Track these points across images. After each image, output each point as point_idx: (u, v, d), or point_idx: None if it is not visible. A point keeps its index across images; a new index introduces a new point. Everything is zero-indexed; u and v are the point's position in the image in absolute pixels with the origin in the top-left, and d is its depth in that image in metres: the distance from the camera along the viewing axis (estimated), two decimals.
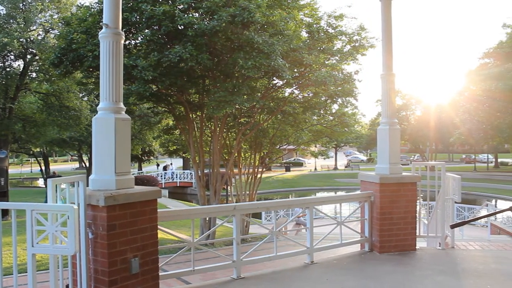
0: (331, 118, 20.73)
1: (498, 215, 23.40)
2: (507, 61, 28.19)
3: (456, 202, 7.64)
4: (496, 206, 32.35)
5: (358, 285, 5.20)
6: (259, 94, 16.65)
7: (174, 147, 32.10)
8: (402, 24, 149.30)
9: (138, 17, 13.44)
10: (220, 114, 15.02)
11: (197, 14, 14.09)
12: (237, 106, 14.96)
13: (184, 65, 13.04)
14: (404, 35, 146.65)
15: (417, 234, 6.75)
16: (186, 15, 13.31)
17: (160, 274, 4.60)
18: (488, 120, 30.49)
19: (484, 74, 31.39)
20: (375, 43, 16.94)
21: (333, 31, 16.95)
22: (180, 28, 13.43)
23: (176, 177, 44.92)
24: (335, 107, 20.36)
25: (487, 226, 20.13)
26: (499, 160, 63.43)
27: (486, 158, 64.32)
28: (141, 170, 52.98)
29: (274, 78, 16.35)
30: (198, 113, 17.10)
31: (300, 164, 70.17)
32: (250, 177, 20.18)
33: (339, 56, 17.10)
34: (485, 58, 34.13)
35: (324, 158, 61.68)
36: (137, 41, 14.76)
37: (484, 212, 24.31)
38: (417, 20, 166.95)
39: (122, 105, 4.46)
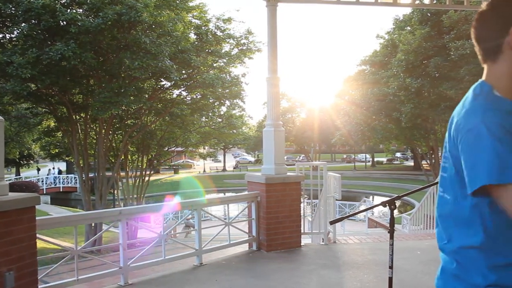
0: (219, 120, 20.95)
1: (375, 210, 25.22)
2: (381, 68, 30.42)
3: (337, 200, 8.09)
4: (373, 202, 34.78)
5: (246, 284, 5.30)
6: (146, 96, 16.35)
7: (57, 150, 30.24)
8: (288, 30, 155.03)
9: (13, 8, 12.50)
10: (105, 116, 14.50)
11: (81, 10, 13.47)
12: (123, 108, 14.56)
13: (67, 64, 12.40)
14: (290, 41, 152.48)
15: (302, 231, 7.03)
16: (68, 11, 12.67)
17: (40, 287, 4.32)
18: (365, 122, 32.63)
19: (361, 80, 33.61)
20: (262, 47, 17.42)
21: (221, 34, 17.14)
22: (62, 24, 12.75)
23: (59, 182, 42.32)
24: (223, 109, 20.61)
25: (365, 221, 21.63)
26: (375, 159, 68.06)
27: (364, 157, 68.85)
28: (19, 175, 49.28)
29: (162, 79, 16.16)
30: (82, 115, 16.34)
31: (189, 166, 69.74)
32: (138, 180, 19.69)
33: (227, 58, 17.33)
34: (362, 65, 36.49)
35: (213, 160, 62.02)
36: (13, 36, 13.74)
37: (363, 208, 26.00)
38: (303, 27, 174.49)
39: None
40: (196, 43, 16.60)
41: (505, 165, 1.27)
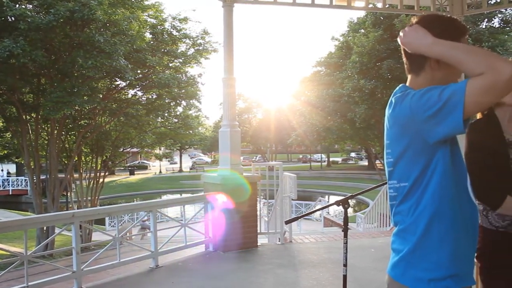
0: (175, 120, 20.76)
1: (330, 210, 25.62)
2: (335, 70, 30.95)
3: (293, 199, 8.18)
4: (328, 202, 35.31)
5: (203, 285, 5.29)
6: (100, 95, 16.02)
7: (5, 152, 29.14)
8: (245, 31, 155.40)
9: None
10: (57, 116, 14.08)
11: (30, 6, 13.04)
12: (76, 108, 14.22)
13: (16, 62, 11.96)
14: (247, 42, 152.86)
15: (259, 231, 7.08)
16: (17, 6, 12.22)
17: None
18: (320, 123, 33.07)
19: (317, 81, 34.10)
20: (218, 48, 17.39)
21: (177, 33, 17.01)
22: (10, 20, 12.30)
23: (9, 184, 40.75)
24: (179, 109, 20.45)
25: (321, 220, 21.94)
26: (331, 159, 69.19)
27: (320, 157, 69.84)
28: None
29: (117, 79, 15.88)
30: (33, 115, 15.79)
31: (144, 167, 68.80)
32: (92, 182, 19.25)
33: (183, 58, 17.22)
34: (317, 67, 37.02)
35: (169, 161, 61.37)
36: None
37: (318, 207, 26.35)
38: (260, 28, 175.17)
39: None
40: (152, 42, 16.40)
41: None
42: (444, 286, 1.59)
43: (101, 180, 19.62)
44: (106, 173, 21.65)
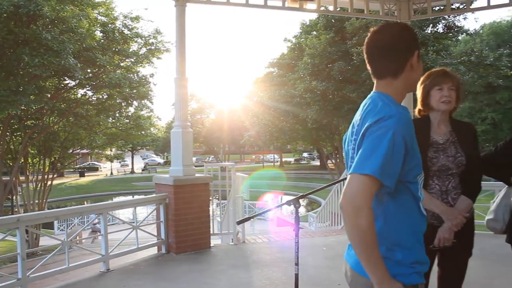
0: (127, 121, 20.39)
1: (283, 209, 25.82)
2: (288, 71, 31.31)
3: (245, 200, 8.21)
4: (281, 201, 35.61)
5: None
6: (48, 95, 15.54)
7: None
8: (198, 31, 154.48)
9: None
10: (1, 116, 13.57)
11: None
12: (22, 107, 13.72)
13: None
14: (200, 42, 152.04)
15: (212, 232, 7.06)
16: None
17: None
18: (273, 123, 33.38)
19: (269, 82, 34.40)
20: (170, 48, 17.22)
21: (129, 32, 16.73)
22: None
23: None
24: (130, 109, 20.10)
25: (274, 220, 22.07)
26: (283, 159, 69.84)
27: (273, 158, 70.35)
28: None
29: (66, 78, 15.45)
30: None
31: (95, 169, 67.21)
32: (40, 184, 18.62)
33: (134, 58, 16.96)
34: (270, 67, 37.34)
35: (120, 162, 60.20)
36: None
37: (271, 207, 26.49)
38: (213, 29, 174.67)
39: None
40: (103, 41, 16.06)
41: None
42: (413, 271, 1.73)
43: (49, 182, 19.01)
44: (55, 175, 20.99)
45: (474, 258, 2.95)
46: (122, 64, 16.78)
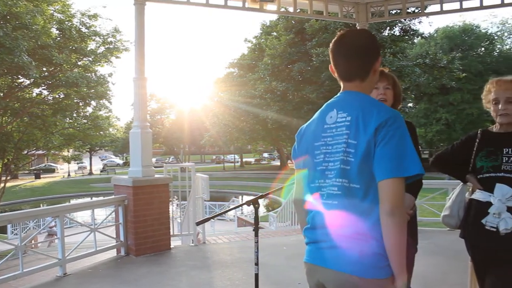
0: (85, 121, 19.98)
1: (244, 210, 25.86)
2: (248, 71, 31.44)
3: (206, 200, 8.19)
4: (241, 202, 35.64)
5: None
6: (1, 94, 15.04)
7: None
8: (158, 31, 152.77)
9: None
10: None
11: None
12: None
13: None
14: (160, 41, 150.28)
15: (172, 233, 7.01)
16: None
17: None
18: (233, 124, 33.43)
19: (230, 82, 34.41)
20: (130, 47, 17.00)
21: (86, 30, 16.43)
22: None
23: None
24: (88, 109, 19.72)
25: (235, 220, 22.11)
26: (244, 159, 69.94)
27: (233, 158, 70.32)
28: None
29: (20, 76, 15.02)
30: None
31: (52, 170, 65.53)
32: None
33: (92, 57, 16.67)
34: (230, 68, 37.37)
35: (78, 163, 58.87)
36: None
37: (231, 207, 26.50)
38: (173, 28, 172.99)
39: None
40: (59, 39, 15.70)
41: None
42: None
43: (2, 185, 18.42)
44: (8, 177, 20.34)
45: (430, 253, 3.04)
46: (79, 63, 16.46)
